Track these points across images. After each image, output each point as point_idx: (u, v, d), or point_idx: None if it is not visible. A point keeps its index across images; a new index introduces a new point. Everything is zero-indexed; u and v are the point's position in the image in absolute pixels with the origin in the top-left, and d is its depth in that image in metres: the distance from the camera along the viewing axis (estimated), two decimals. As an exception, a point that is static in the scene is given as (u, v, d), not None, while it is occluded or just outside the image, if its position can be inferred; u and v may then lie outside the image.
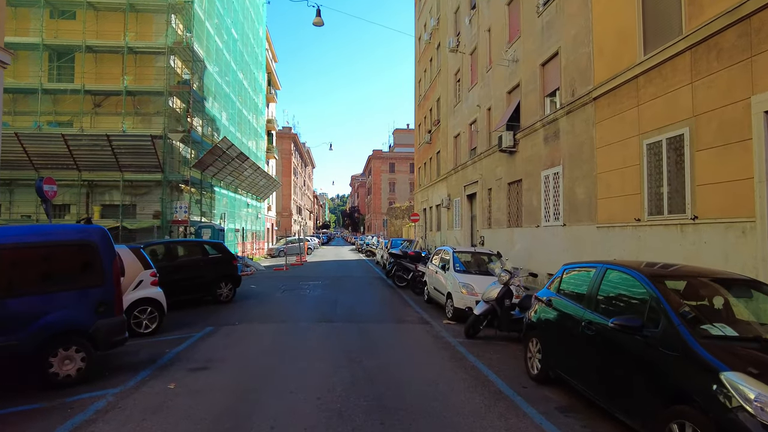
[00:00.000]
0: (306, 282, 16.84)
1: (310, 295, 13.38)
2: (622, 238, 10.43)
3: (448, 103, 26.19)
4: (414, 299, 12.81)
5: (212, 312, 10.49)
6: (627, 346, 4.08)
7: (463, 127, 23.04)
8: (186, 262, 11.36)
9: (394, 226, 51.72)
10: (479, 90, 20.79)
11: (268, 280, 18.00)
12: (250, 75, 36.82)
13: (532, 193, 15.11)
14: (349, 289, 15.03)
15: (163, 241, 11.31)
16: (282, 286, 15.39)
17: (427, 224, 32.47)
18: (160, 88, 21.91)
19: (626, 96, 10.37)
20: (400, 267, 15.17)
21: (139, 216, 22.58)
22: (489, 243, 19.00)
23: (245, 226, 34.97)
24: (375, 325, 9.10)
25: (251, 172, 30.35)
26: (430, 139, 30.59)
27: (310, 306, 11.38)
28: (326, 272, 21.83)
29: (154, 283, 8.35)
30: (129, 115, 22.57)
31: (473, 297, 9.25)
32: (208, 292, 11.58)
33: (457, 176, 24.05)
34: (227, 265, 12.02)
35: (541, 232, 14.40)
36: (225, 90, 28.68)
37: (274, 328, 8.75)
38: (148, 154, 20.77)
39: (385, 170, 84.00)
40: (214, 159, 23.52)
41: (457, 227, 24.04)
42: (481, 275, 10.10)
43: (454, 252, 10.69)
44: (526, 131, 15.59)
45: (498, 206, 18.16)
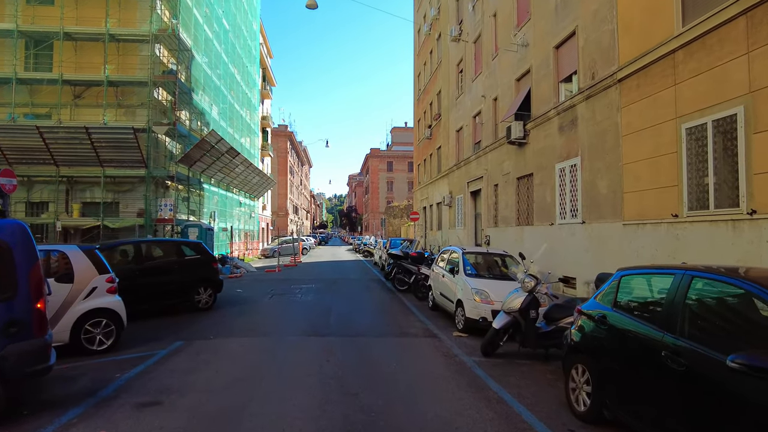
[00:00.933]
0: (298, 285, 15.50)
1: (301, 300, 12.05)
2: (655, 236, 9.15)
3: (450, 95, 24.89)
4: (417, 305, 11.50)
5: (187, 322, 9.15)
6: (757, 396, 2.76)
7: (466, 120, 21.74)
8: (158, 264, 9.99)
9: (393, 225, 50.38)
10: (484, 79, 19.50)
11: (258, 283, 16.65)
12: (243, 69, 35.45)
13: (545, 188, 13.82)
14: (345, 293, 13.71)
15: (132, 241, 9.97)
16: (271, 291, 14.04)
17: (427, 223, 31.17)
18: (144, 78, 20.53)
19: (660, 75, 9.08)
20: (401, 269, 13.86)
21: (122, 214, 21.21)
22: (495, 242, 17.70)
23: (238, 225, 33.59)
24: (374, 339, 7.76)
25: (243, 169, 28.97)
26: (431, 135, 29.29)
27: (300, 315, 10.03)
28: (321, 274, 20.49)
29: (112, 291, 7.00)
30: (111, 107, 21.17)
31: (488, 306, 7.94)
32: (185, 299, 10.22)
33: (460, 172, 22.75)
34: (207, 267, 10.66)
35: (555, 231, 13.12)
36: (215, 82, 27.32)
37: (254, 344, 7.41)
38: (130, 148, 19.40)
39: (382, 169, 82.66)
40: (201, 154, 22.15)
41: (459, 226, 22.74)
42: (496, 280, 8.78)
43: (463, 253, 9.37)
44: (538, 121, 14.31)
45: (505, 203, 16.86)
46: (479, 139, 20.15)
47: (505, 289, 8.16)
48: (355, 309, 10.90)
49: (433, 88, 29.34)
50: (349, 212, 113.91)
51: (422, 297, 12.31)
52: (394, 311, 10.69)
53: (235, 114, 32.50)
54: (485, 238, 18.60)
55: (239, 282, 17.22)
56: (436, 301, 10.48)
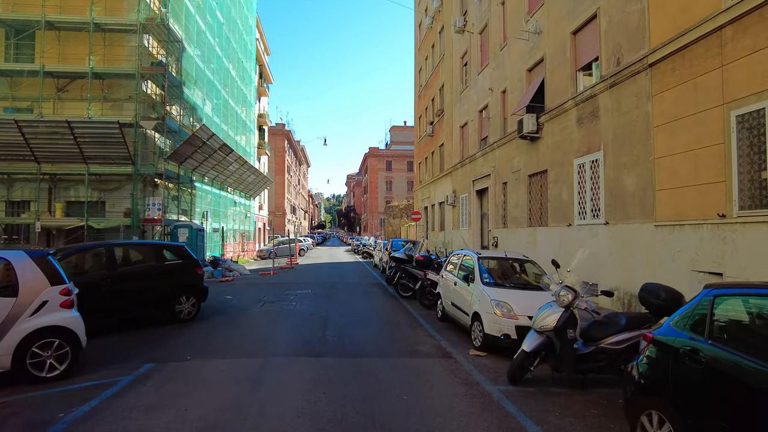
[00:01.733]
0: (293, 291, 14.35)
1: (295, 309, 10.89)
2: (695, 239, 8.06)
3: (453, 90, 23.79)
4: (424, 315, 10.37)
5: (164, 337, 8.00)
6: None
7: (472, 115, 20.64)
8: (133, 271, 8.81)
9: (392, 225, 49.26)
10: (491, 72, 18.40)
11: (250, 288, 15.51)
12: (239, 64, 34.28)
13: (562, 185, 12.73)
14: (344, 300, 12.56)
15: (102, 244, 8.83)
16: (263, 297, 12.89)
17: (428, 224, 30.06)
18: (132, 70, 19.37)
19: (702, 55, 7.99)
20: (405, 274, 12.74)
21: (108, 214, 20.05)
22: (504, 245, 16.61)
23: (232, 225, 32.43)
24: (378, 361, 6.60)
25: (238, 167, 27.81)
26: (433, 132, 28.19)
27: (293, 328, 8.87)
28: (318, 277, 19.35)
29: (67, 305, 5.86)
30: (96, 101, 20.01)
31: (511, 321, 6.82)
32: (165, 309, 9.06)
33: (464, 170, 21.65)
34: (189, 273, 9.51)
35: (573, 233, 12.02)
36: (208, 77, 26.17)
37: (236, 368, 6.19)
38: (116, 143, 18.26)
39: (381, 168, 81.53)
40: (192, 150, 21.01)
41: (464, 227, 21.65)
42: (518, 290, 7.64)
43: (478, 258, 8.24)
44: (553, 113, 13.22)
45: (516, 202, 15.77)
46: (486, 135, 19.05)
47: (530, 301, 7.07)
48: (356, 319, 9.76)
49: (435, 83, 28.24)
50: (348, 212, 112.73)
51: (429, 305, 11.19)
52: (400, 322, 9.55)
53: (229, 110, 31.34)
54: (493, 239, 17.50)
55: (230, 286, 16.07)
56: (446, 312, 9.35)
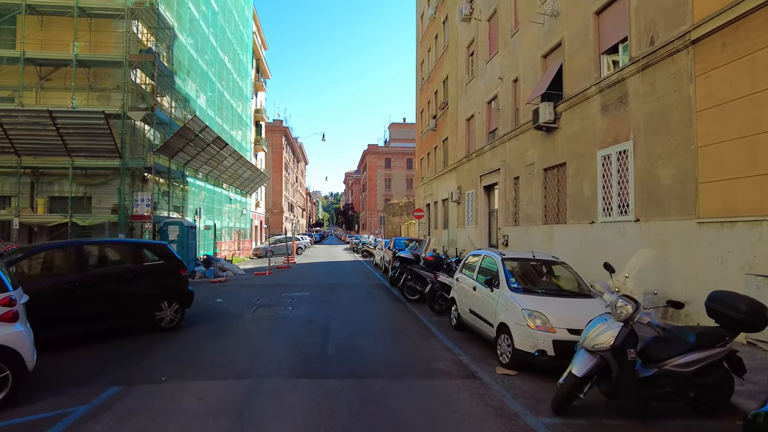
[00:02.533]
0: (290, 293, 13.25)
1: (292, 315, 9.79)
2: (752, 237, 7.02)
3: (459, 81, 22.70)
4: (435, 322, 9.30)
5: (139, 351, 6.88)
6: None
7: (479, 107, 19.56)
8: (105, 273, 7.66)
9: (392, 223, 48.18)
10: (501, 60, 17.31)
11: (243, 289, 14.40)
12: (234, 56, 33.11)
13: (583, 179, 11.67)
14: (346, 304, 11.47)
15: (71, 243, 7.72)
16: (257, 301, 11.77)
17: (431, 222, 29.00)
18: (119, 57, 18.23)
19: (761, 27, 6.93)
20: (412, 275, 11.65)
21: (95, 210, 18.94)
22: (515, 244, 15.55)
23: (227, 223, 31.31)
24: (391, 384, 5.48)
25: (233, 162, 26.70)
26: (436, 126, 27.10)
27: (290, 338, 7.75)
28: (317, 278, 18.24)
29: (8, 318, 4.76)
30: (82, 90, 18.89)
31: (547, 334, 5.75)
32: (143, 317, 7.96)
33: (471, 165, 20.58)
34: (172, 276, 8.41)
35: (597, 231, 10.97)
36: (202, 68, 25.01)
37: (219, 393, 5.06)
38: (102, 135, 17.13)
39: (380, 166, 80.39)
40: (184, 143, 19.89)
41: (469, 224, 20.58)
42: (552, 297, 6.56)
43: (502, 260, 7.15)
44: (573, 101, 12.15)
45: (529, 198, 14.71)
46: (495, 127, 17.98)
47: (569, 311, 6.01)
48: (360, 328, 8.66)
49: (438, 76, 27.14)
50: (346, 210, 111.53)
51: (440, 310, 10.12)
52: (410, 332, 8.46)
53: (225, 104, 30.18)
54: (503, 238, 16.44)
55: (222, 288, 14.96)
56: (463, 320, 8.27)
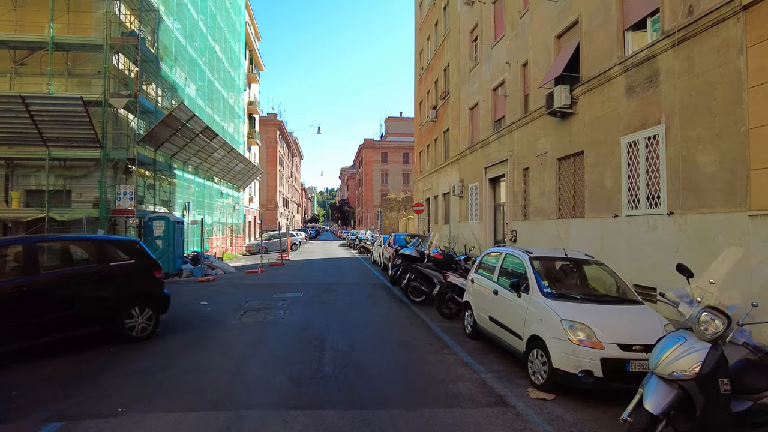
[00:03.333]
0: (282, 294, 12.13)
1: (283, 321, 8.67)
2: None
3: (461, 69, 21.58)
4: (446, 329, 8.20)
5: (99, 369, 5.73)
6: None
7: (484, 95, 18.46)
8: (62, 275, 6.52)
9: (389, 219, 47.09)
10: (509, 43, 16.21)
11: (232, 290, 13.27)
12: (226, 45, 31.83)
13: (604, 169, 10.63)
14: (344, 307, 10.34)
15: (20, 240, 6.56)
16: (245, 303, 10.64)
17: (430, 217, 27.94)
18: (99, 40, 16.98)
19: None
20: (417, 275, 10.57)
21: (75, 204, 17.74)
22: (525, 239, 14.51)
23: (219, 218, 30.11)
24: (403, 416, 4.23)
25: (224, 154, 25.49)
26: (436, 117, 25.98)
27: (279, 352, 6.61)
28: (312, 276, 17.12)
29: None
30: (60, 76, 17.65)
31: (593, 351, 4.69)
32: (109, 325, 6.83)
33: (474, 157, 19.50)
34: (144, 277, 7.28)
35: (621, 225, 9.93)
36: (191, 55, 23.74)
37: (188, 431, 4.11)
38: (80, 123, 15.91)
39: (377, 160, 79.19)
40: (170, 133, 18.68)
41: (473, 219, 19.53)
42: (594, 303, 5.48)
43: (530, 258, 6.09)
44: (592, 83, 11.09)
45: (541, 190, 13.66)
46: (502, 116, 16.89)
47: (618, 322, 4.96)
48: (362, 338, 7.55)
49: (438, 64, 26.00)
50: (342, 206, 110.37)
51: (450, 314, 9.05)
52: (419, 341, 7.35)
53: (215, 94, 28.91)
54: (511, 234, 15.39)
55: (209, 288, 13.83)
56: (480, 327, 7.19)
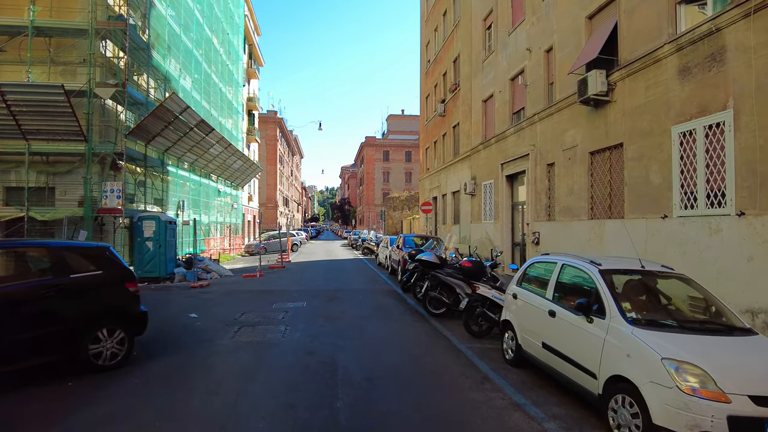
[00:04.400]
0: (282, 303, 10.80)
1: (283, 342, 7.24)
2: None
3: (473, 59, 20.24)
4: (480, 351, 6.80)
5: (42, 417, 4.45)
6: None
7: (500, 85, 17.12)
8: (11, 292, 5.17)
9: (392, 218, 45.72)
10: (529, 28, 14.88)
11: (226, 298, 11.94)
12: (224, 37, 30.47)
13: (649, 163, 9.31)
14: (354, 321, 8.95)
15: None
16: (240, 316, 9.32)
17: (437, 216, 26.60)
18: (83, 24, 15.63)
19: None
20: (437, 283, 9.24)
21: (59, 203, 16.42)
22: (550, 243, 13.20)
23: (215, 218, 28.77)
24: None
25: (221, 150, 24.15)
26: (444, 111, 24.64)
27: (280, 390, 5.11)
28: (315, 281, 15.77)
29: None
30: (41, 64, 16.30)
31: (715, 405, 3.38)
32: (68, 352, 5.50)
33: (489, 152, 18.17)
34: (114, 291, 5.93)
35: (673, 228, 8.61)
36: (186, 45, 22.38)
37: None
38: (63, 114, 14.63)
39: (378, 159, 77.79)
40: (162, 126, 17.35)
41: (487, 219, 18.20)
42: (696, 334, 4.14)
43: (601, 272, 4.75)
44: (634, 66, 9.76)
45: (569, 188, 12.33)
46: (521, 107, 15.56)
47: (740, 360, 3.65)
48: (380, 366, 6.04)
49: (447, 56, 24.66)
50: (342, 205, 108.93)
51: (480, 332, 7.71)
52: (453, 372, 5.87)
53: (213, 87, 27.55)
54: (533, 236, 14.06)
55: (202, 295, 12.50)
56: (526, 353, 5.81)
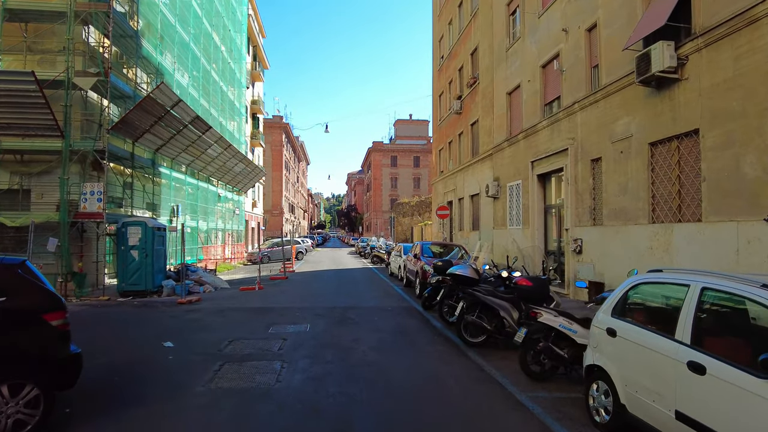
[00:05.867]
0: (281, 327, 8.84)
1: (278, 391, 5.21)
2: None
3: (495, 49, 18.38)
4: (550, 407, 4.57)
5: None
6: None
7: (529, 74, 15.23)
8: None
9: (402, 225, 43.73)
10: (564, 6, 13.02)
11: (214, 318, 10.01)
12: (225, 33, 28.84)
13: (742, 151, 7.37)
14: (370, 355, 6.82)
15: None
16: (226, 346, 7.29)
17: (453, 222, 24.63)
18: (62, 6, 13.95)
19: None
20: (475, 305, 7.25)
21: (35, 207, 14.68)
22: (595, 251, 11.23)
23: (218, 224, 26.97)
24: None
25: (220, 151, 22.38)
26: (461, 108, 22.76)
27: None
28: (320, 296, 13.78)
29: None
30: (17, 52, 14.65)
31: None
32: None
33: (515, 150, 16.25)
34: (24, 326, 4.03)
35: (786, 233, 6.62)
36: (183, 37, 20.64)
37: None
38: (35, 106, 12.90)
39: (386, 164, 75.99)
40: (151, 121, 15.59)
41: (514, 225, 16.24)
42: None
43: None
44: (716, 33, 7.84)
45: (621, 186, 10.37)
46: (556, 96, 13.65)
47: None
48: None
49: (463, 49, 22.82)
50: (349, 211, 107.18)
51: (542, 374, 5.73)
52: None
53: (213, 86, 25.81)
54: (573, 243, 12.07)
55: (187, 314, 10.57)
56: (637, 420, 3.83)
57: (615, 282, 10.48)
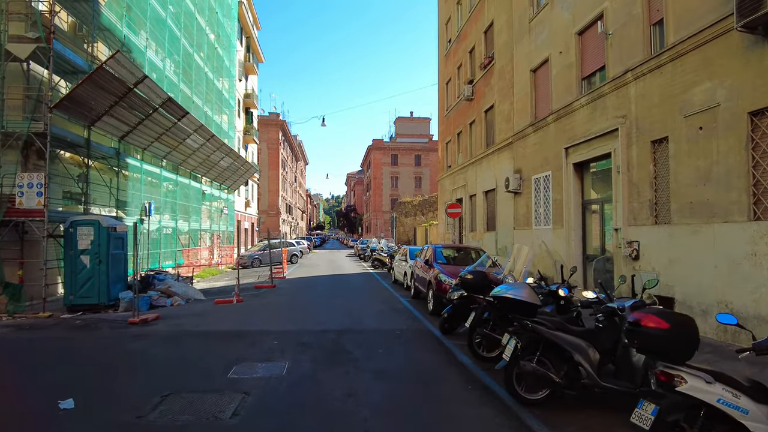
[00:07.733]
0: (248, 368, 6.17)
1: None
2: None
3: (514, 23, 15.89)
4: None
5: None
6: None
7: (561, 45, 12.73)
8: None
9: (404, 225, 41.19)
10: (613, -47, 10.49)
11: (162, 350, 7.46)
12: (212, 16, 26.30)
13: None
14: (378, 423, 4.53)
15: None
16: (155, 407, 4.69)
17: (464, 221, 22.12)
18: (-4, -42, 11.43)
19: None
20: (535, 342, 4.74)
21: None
22: (659, 257, 8.75)
23: (201, 225, 24.41)
24: None
25: (202, 142, 19.85)
26: (473, 93, 20.27)
27: None
28: (310, 313, 11.17)
29: None
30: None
31: None
32: None
33: (542, 135, 13.77)
34: None
35: None
36: (157, 11, 18.06)
37: None
38: (-43, 78, 10.35)
39: (386, 163, 73.46)
40: (110, 102, 13.06)
41: (542, 224, 13.75)
42: None
43: None
44: None
45: (701, 173, 7.85)
46: (599, 66, 11.16)
47: None
48: None
49: (474, 28, 20.34)
50: (348, 212, 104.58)
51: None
52: None
53: (197, 72, 23.25)
54: (627, 247, 9.55)
55: (129, 344, 7.99)
56: None
57: (690, 298, 7.98)
